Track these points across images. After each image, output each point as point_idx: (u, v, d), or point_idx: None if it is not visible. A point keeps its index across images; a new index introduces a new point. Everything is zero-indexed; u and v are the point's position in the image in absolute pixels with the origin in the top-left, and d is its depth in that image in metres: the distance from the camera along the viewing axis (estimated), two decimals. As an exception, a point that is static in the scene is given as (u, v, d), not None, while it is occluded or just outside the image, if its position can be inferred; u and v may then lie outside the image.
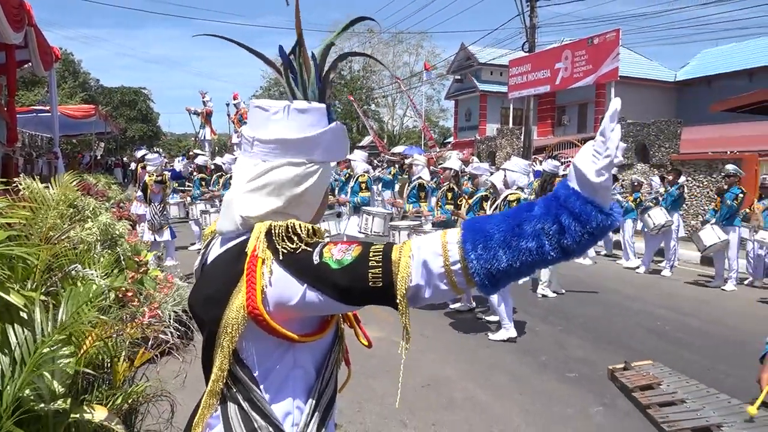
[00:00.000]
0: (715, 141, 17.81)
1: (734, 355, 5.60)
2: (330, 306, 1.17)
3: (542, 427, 4.14)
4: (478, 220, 1.14)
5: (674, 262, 10.48)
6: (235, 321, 1.20)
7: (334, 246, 1.18)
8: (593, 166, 1.05)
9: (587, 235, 1.06)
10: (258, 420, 1.25)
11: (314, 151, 1.30)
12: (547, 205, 1.09)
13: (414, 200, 8.07)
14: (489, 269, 1.08)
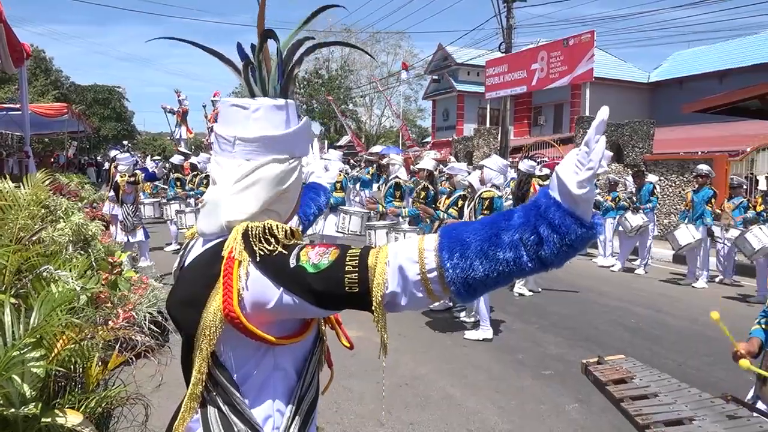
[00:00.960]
0: (687, 141, 18.15)
1: (705, 352, 5.71)
2: (306, 310, 1.16)
3: (518, 424, 4.17)
4: (456, 227, 1.12)
5: (648, 260, 10.66)
6: (212, 324, 1.19)
7: (312, 249, 1.17)
8: (575, 177, 1.03)
9: (566, 247, 1.04)
10: (238, 424, 1.23)
11: (295, 146, 1.32)
12: (526, 214, 1.07)
13: (390, 200, 8.09)
14: (465, 278, 1.06)
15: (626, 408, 1.98)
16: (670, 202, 14.31)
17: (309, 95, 44.22)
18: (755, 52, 23.19)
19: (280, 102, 1.30)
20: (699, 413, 1.91)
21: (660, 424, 1.85)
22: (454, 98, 32.95)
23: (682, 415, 1.90)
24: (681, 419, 1.88)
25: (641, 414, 1.92)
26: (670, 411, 1.93)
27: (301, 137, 1.34)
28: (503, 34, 21.33)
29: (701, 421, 1.86)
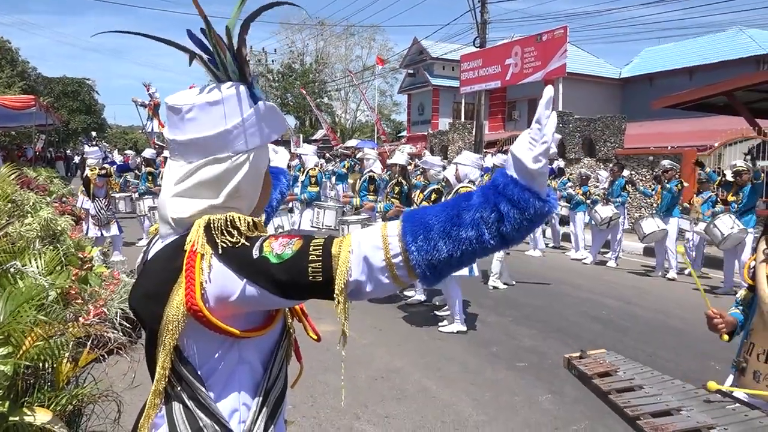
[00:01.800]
0: (657, 136, 18.44)
1: (674, 342, 5.84)
2: (270, 300, 1.16)
3: (492, 415, 4.22)
4: (417, 211, 1.13)
5: (619, 253, 10.83)
6: (175, 318, 1.17)
7: (275, 240, 1.16)
8: (530, 153, 1.06)
9: (526, 222, 1.06)
10: (203, 419, 1.22)
11: (237, 141, 1.25)
12: (485, 193, 1.09)
13: (365, 193, 8.08)
14: (430, 260, 1.08)
15: (614, 400, 2.00)
16: (640, 197, 14.55)
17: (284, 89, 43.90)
18: (722, 49, 23.68)
19: (214, 97, 1.24)
20: (685, 404, 1.95)
21: (648, 415, 1.87)
22: (430, 92, 32.99)
23: (669, 406, 1.93)
24: (669, 410, 1.91)
25: (630, 406, 1.94)
26: (657, 402, 1.96)
27: (251, 128, 1.26)
28: (478, 29, 21.42)
29: (688, 411, 1.89)
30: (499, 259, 8.41)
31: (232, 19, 1.25)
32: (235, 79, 1.27)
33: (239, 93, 1.26)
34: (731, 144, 13.70)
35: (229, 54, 1.26)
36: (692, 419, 1.83)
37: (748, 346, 2.18)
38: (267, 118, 1.29)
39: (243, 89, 1.27)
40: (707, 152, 13.76)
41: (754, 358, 2.13)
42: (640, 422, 1.83)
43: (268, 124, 1.30)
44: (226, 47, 1.25)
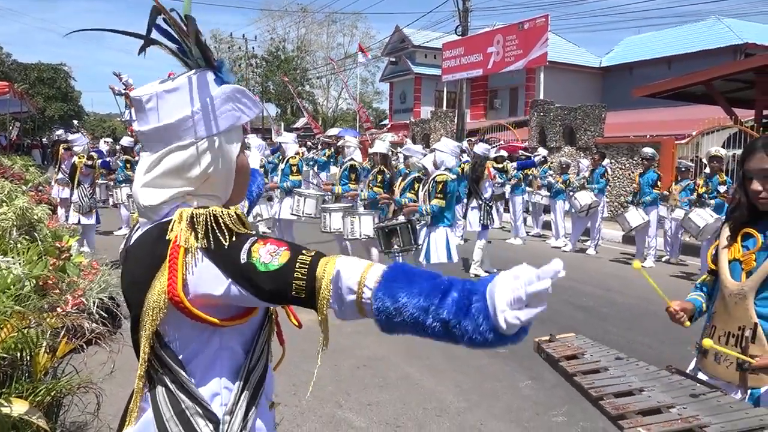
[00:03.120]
0: (636, 125, 18.63)
1: (652, 328, 5.92)
2: (251, 301, 1.21)
3: (474, 401, 4.25)
4: (398, 278, 1.15)
5: (598, 241, 10.95)
6: (156, 305, 1.20)
7: (263, 246, 1.19)
8: (502, 315, 1.07)
9: (483, 346, 1.11)
10: (185, 401, 1.26)
11: (198, 126, 1.26)
12: (459, 303, 1.11)
13: (346, 182, 8.04)
14: (389, 325, 1.15)
15: (579, 382, 2.02)
16: (620, 185, 14.70)
17: (265, 76, 43.46)
18: (701, 38, 23.93)
19: (171, 85, 1.27)
20: (647, 384, 1.98)
21: (611, 395, 1.90)
22: (412, 81, 32.93)
23: (632, 386, 1.96)
24: (631, 390, 1.94)
25: (594, 387, 1.96)
26: (620, 383, 1.99)
27: (215, 111, 1.28)
28: (460, 17, 21.38)
29: (650, 391, 1.93)
30: (480, 247, 8.46)
31: (187, 5, 1.25)
32: (201, 65, 1.29)
33: (199, 79, 1.28)
34: (709, 133, 13.86)
35: (191, 41, 1.27)
36: (653, 399, 1.87)
37: (710, 329, 2.23)
38: (234, 101, 1.30)
39: (205, 75, 1.29)
40: (685, 141, 13.92)
41: (715, 341, 2.17)
42: (602, 402, 1.86)
43: (235, 107, 1.31)
44: (187, 35, 1.26)
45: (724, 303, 2.17)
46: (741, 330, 2.08)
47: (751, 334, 2.05)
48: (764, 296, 2.06)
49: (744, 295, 2.08)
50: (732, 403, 1.84)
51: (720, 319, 2.19)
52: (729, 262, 2.17)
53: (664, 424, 1.70)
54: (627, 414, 1.78)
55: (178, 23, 1.24)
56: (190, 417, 1.26)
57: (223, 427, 1.28)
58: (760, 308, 2.06)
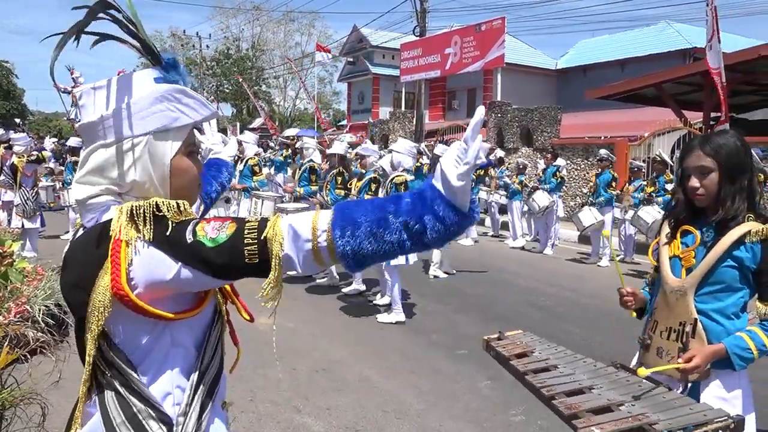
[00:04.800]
0: (591, 127, 19.05)
1: (607, 326, 6.04)
2: (204, 282, 1.19)
3: (433, 403, 4.24)
4: (349, 206, 1.19)
5: (555, 240, 11.12)
6: (101, 303, 1.18)
7: (207, 223, 1.18)
8: (455, 171, 1.12)
9: (447, 234, 1.15)
10: (136, 404, 1.23)
11: (122, 126, 1.25)
12: (413, 202, 1.15)
13: (305, 183, 7.94)
14: (355, 254, 1.15)
15: (531, 381, 2.05)
16: (575, 185, 14.98)
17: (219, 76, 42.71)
18: (652, 42, 24.65)
19: (102, 83, 1.27)
20: (596, 382, 2.02)
21: (563, 394, 1.93)
22: (370, 81, 32.89)
23: (582, 384, 2.00)
24: (582, 388, 1.97)
25: (545, 386, 1.99)
26: (571, 381, 2.03)
27: (143, 111, 1.25)
28: (417, 18, 21.46)
29: (599, 389, 1.97)
30: (438, 248, 8.48)
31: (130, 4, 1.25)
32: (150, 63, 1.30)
33: (130, 77, 1.27)
34: (660, 134, 14.26)
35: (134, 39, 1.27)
36: (603, 397, 1.91)
37: (653, 324, 2.27)
38: (171, 101, 1.28)
39: (139, 73, 1.29)
40: (637, 142, 14.28)
41: (657, 336, 2.22)
42: (555, 402, 1.89)
43: (171, 107, 1.28)
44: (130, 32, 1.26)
45: (665, 299, 2.21)
46: (682, 325, 2.13)
47: (691, 330, 2.10)
48: (704, 292, 2.11)
49: (684, 291, 2.13)
50: (676, 399, 1.89)
51: (661, 314, 2.24)
52: (669, 258, 2.22)
53: (616, 423, 1.74)
54: (579, 413, 1.81)
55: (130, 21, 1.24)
56: (142, 420, 1.23)
57: (177, 429, 1.26)
58: (700, 304, 2.11)
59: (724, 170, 2.07)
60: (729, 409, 1.97)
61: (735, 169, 2.07)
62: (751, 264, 2.04)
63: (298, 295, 7.22)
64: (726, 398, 2.07)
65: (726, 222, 2.08)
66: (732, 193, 2.07)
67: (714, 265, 2.07)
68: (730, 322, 2.10)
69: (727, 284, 2.09)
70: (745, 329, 2.08)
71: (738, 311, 2.12)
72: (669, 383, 2.08)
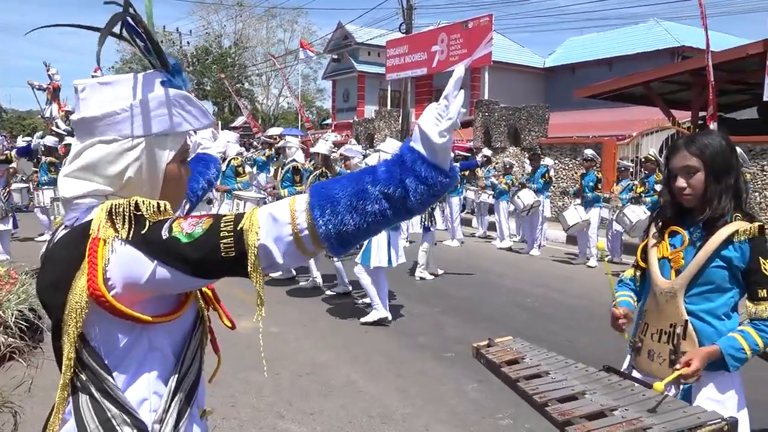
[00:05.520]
0: (579, 126, 19.08)
1: (594, 327, 5.99)
2: (182, 281, 1.16)
3: (419, 407, 4.18)
4: (324, 184, 1.15)
5: (542, 241, 11.09)
6: (78, 305, 1.16)
7: (184, 220, 1.16)
8: (436, 128, 1.11)
9: (431, 196, 1.12)
10: (111, 409, 1.21)
11: (123, 124, 1.24)
12: (390, 168, 1.12)
13: (289, 184, 7.82)
14: (338, 232, 1.11)
15: (523, 388, 2.05)
16: (564, 185, 14.98)
17: (200, 73, 42.33)
18: (640, 40, 24.78)
19: (107, 78, 1.26)
20: (589, 387, 2.03)
21: (555, 401, 1.93)
22: (355, 79, 32.76)
23: (574, 390, 2.00)
24: (574, 394, 1.98)
25: (538, 392, 1.99)
26: (563, 387, 2.03)
27: (147, 113, 1.25)
28: (404, 15, 21.37)
29: (592, 394, 1.97)
30: (424, 249, 8.43)
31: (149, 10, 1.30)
32: (157, 66, 1.29)
33: (138, 78, 1.26)
34: (648, 134, 14.28)
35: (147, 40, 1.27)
36: (596, 402, 1.91)
37: (643, 327, 2.29)
38: (175, 106, 1.29)
39: (148, 75, 1.28)
40: (626, 142, 14.30)
41: (648, 338, 2.24)
42: (548, 408, 1.89)
43: (175, 113, 1.29)
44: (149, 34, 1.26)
45: (655, 301, 2.23)
46: (672, 327, 2.14)
47: (682, 331, 2.11)
48: (693, 293, 2.12)
49: (674, 293, 2.14)
50: (670, 402, 1.89)
51: (652, 316, 2.25)
52: (658, 260, 2.24)
53: (610, 428, 1.74)
54: (573, 419, 1.82)
55: (143, 22, 1.24)
56: (116, 426, 1.20)
57: None
58: (690, 305, 2.12)
59: (709, 170, 2.08)
60: (723, 410, 2.01)
61: (721, 168, 2.08)
62: (740, 263, 2.06)
63: (281, 299, 7.11)
64: (720, 399, 2.08)
65: (713, 221, 2.09)
66: (718, 193, 2.08)
67: (703, 266, 2.08)
68: (721, 322, 2.11)
69: (717, 285, 2.10)
70: (738, 329, 2.08)
71: (728, 311, 2.12)
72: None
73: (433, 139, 1.10)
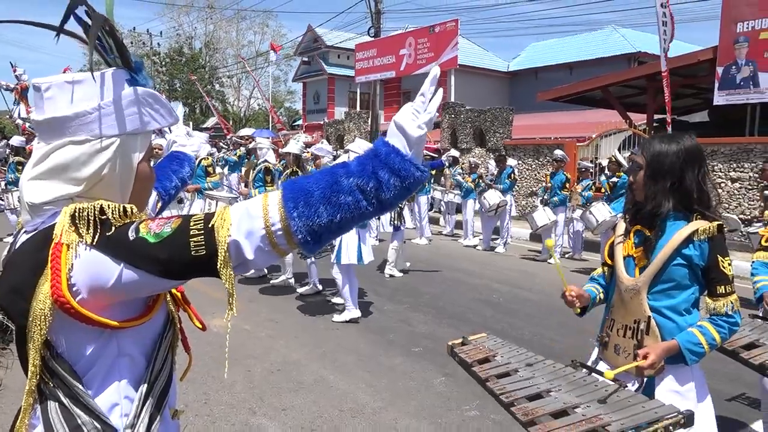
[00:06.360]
0: (542, 128, 19.47)
1: (557, 322, 6.20)
2: (151, 283, 1.13)
3: (389, 401, 4.28)
4: (297, 179, 1.15)
5: (507, 239, 11.34)
6: (41, 312, 1.12)
7: (152, 221, 1.13)
8: (413, 122, 1.13)
9: (404, 190, 1.12)
10: (81, 416, 1.18)
11: (95, 124, 1.20)
12: (363, 161, 1.13)
13: (260, 184, 7.87)
14: (311, 225, 1.09)
15: (492, 387, 2.10)
16: (527, 185, 15.29)
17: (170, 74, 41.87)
18: (598, 46, 25.35)
19: (76, 77, 1.21)
20: (554, 383, 2.07)
21: (523, 399, 1.98)
22: (325, 81, 32.78)
23: (540, 388, 2.04)
24: (540, 393, 2.02)
25: (505, 392, 2.04)
26: (530, 386, 2.07)
27: (117, 112, 1.22)
28: (372, 19, 21.50)
29: (557, 391, 2.02)
30: (394, 247, 8.55)
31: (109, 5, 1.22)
32: (118, 64, 1.24)
33: (106, 76, 1.22)
34: (607, 135, 14.71)
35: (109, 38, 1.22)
36: (559, 400, 1.96)
37: (610, 322, 2.36)
38: (144, 105, 1.25)
39: (114, 73, 1.23)
40: (585, 143, 14.68)
41: (615, 333, 2.31)
42: (513, 408, 1.93)
43: (144, 112, 1.26)
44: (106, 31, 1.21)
45: (620, 297, 2.29)
46: (636, 323, 2.21)
47: (645, 327, 2.18)
48: (656, 290, 2.19)
49: (638, 290, 2.21)
50: (630, 397, 1.96)
51: (618, 312, 2.32)
52: (623, 258, 2.30)
53: (570, 427, 1.79)
54: (536, 419, 1.86)
55: (99, 17, 1.18)
56: None
57: None
58: (653, 302, 2.19)
59: (649, 170, 2.19)
60: (683, 401, 2.09)
61: (658, 170, 2.17)
62: (700, 261, 2.13)
63: (253, 297, 7.16)
64: (680, 391, 2.16)
65: (652, 217, 2.20)
66: (654, 192, 2.18)
67: (664, 264, 2.15)
68: (682, 318, 2.18)
69: (678, 282, 2.17)
70: (696, 325, 2.15)
71: (689, 307, 2.20)
72: (626, 379, 2.16)
73: (409, 132, 1.12)
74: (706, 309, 2.18)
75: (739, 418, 4.06)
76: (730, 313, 2.13)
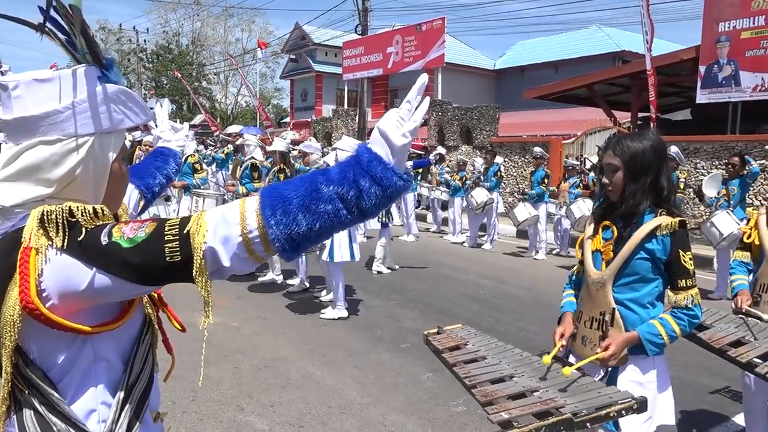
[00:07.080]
0: (528, 125, 19.61)
1: (541, 317, 6.26)
2: (125, 289, 1.09)
3: (376, 396, 4.31)
4: (276, 186, 1.12)
5: (494, 235, 11.42)
6: (11, 318, 1.08)
7: (126, 225, 1.10)
8: (398, 130, 1.10)
9: (385, 198, 1.09)
10: (57, 424, 1.15)
11: (67, 123, 1.16)
12: (344, 169, 1.10)
13: (248, 181, 7.88)
14: (289, 233, 1.06)
15: (457, 371, 2.18)
16: (513, 182, 15.39)
17: (157, 71, 41.61)
18: (583, 45, 25.56)
19: (45, 75, 1.17)
20: (519, 370, 2.16)
21: (486, 383, 2.06)
22: (313, 79, 32.74)
23: (504, 373, 2.13)
24: (503, 377, 2.11)
25: (469, 375, 2.12)
26: (494, 371, 2.16)
27: (90, 110, 1.18)
28: (360, 16, 21.52)
29: (519, 377, 2.11)
30: (382, 244, 8.58)
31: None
32: (88, 60, 1.20)
33: (77, 73, 1.18)
34: (592, 133, 14.85)
35: (77, 32, 1.17)
36: (520, 384, 2.05)
37: (578, 314, 2.42)
38: (117, 103, 1.22)
39: (86, 70, 1.19)
40: (571, 140, 14.80)
41: (582, 325, 2.37)
42: (474, 391, 2.02)
43: (117, 110, 1.23)
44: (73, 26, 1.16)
45: (588, 290, 2.36)
46: (602, 315, 2.27)
47: (610, 319, 2.24)
48: (621, 283, 2.26)
49: (603, 282, 2.27)
50: (588, 384, 2.04)
51: (585, 305, 2.38)
52: (592, 252, 2.37)
53: (524, 408, 1.87)
54: (494, 400, 1.93)
55: (67, 12, 1.13)
56: None
57: None
58: (618, 294, 2.26)
59: (627, 170, 2.23)
60: (643, 390, 2.15)
61: (638, 169, 2.22)
62: (662, 255, 2.19)
63: (241, 294, 7.17)
64: (641, 381, 2.22)
65: (629, 216, 2.25)
66: (634, 191, 2.22)
67: (629, 258, 2.21)
68: (645, 310, 2.24)
69: (642, 275, 2.23)
70: (658, 317, 2.22)
71: (653, 300, 2.26)
72: (592, 370, 2.24)
73: (393, 140, 1.09)
74: (668, 302, 2.24)
75: (722, 412, 4.13)
76: (690, 306, 2.19)
